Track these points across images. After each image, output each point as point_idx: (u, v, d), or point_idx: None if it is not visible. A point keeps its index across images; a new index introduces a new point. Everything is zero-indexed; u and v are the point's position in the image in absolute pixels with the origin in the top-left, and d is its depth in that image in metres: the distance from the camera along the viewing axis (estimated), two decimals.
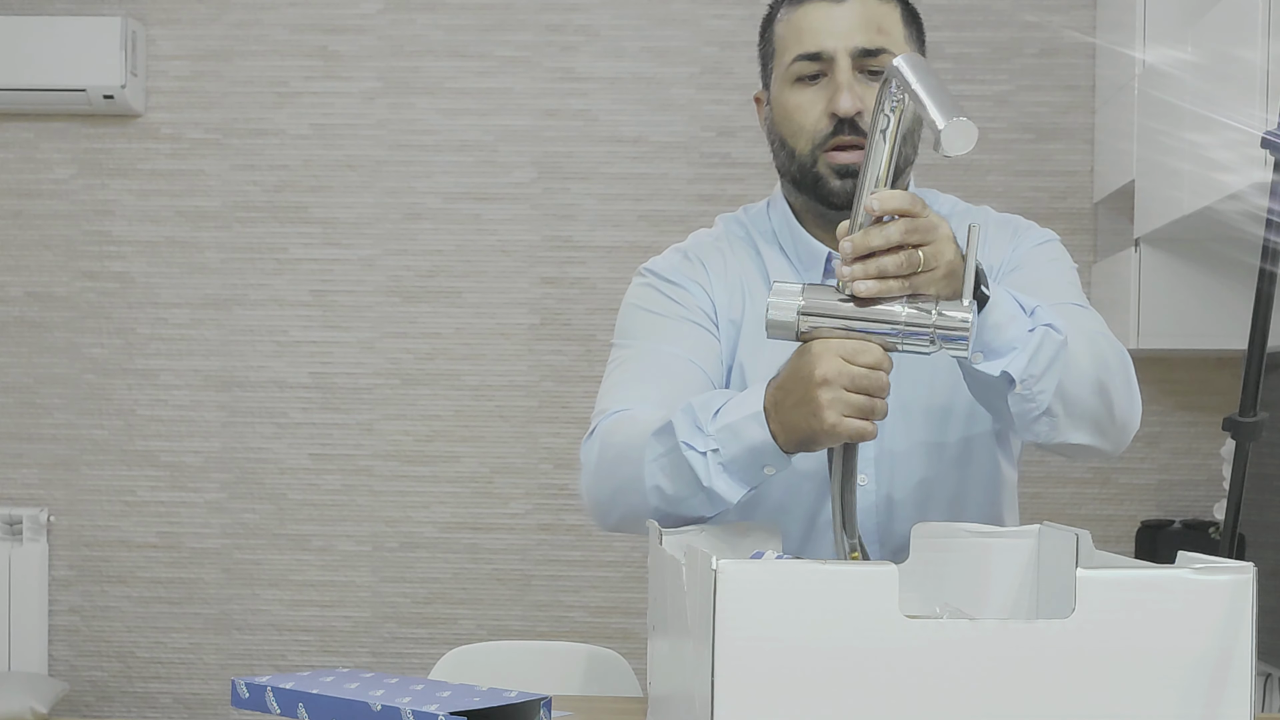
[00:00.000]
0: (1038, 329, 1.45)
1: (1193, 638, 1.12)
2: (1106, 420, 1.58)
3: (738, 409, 1.48)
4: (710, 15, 3.89)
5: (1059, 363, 1.47)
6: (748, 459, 1.47)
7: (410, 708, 1.41)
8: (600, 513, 1.69)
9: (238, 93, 3.96)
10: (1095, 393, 1.54)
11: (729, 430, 1.47)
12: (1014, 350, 1.44)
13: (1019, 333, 1.44)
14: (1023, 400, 1.48)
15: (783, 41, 1.71)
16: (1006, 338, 1.43)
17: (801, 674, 1.10)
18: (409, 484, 3.95)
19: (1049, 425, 1.51)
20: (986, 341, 1.43)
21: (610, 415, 1.68)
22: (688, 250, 1.81)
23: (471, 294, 3.94)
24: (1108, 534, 3.78)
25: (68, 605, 3.98)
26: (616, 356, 1.78)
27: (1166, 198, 3.13)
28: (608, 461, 1.65)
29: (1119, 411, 1.59)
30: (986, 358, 1.44)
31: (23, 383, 3.99)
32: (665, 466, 1.52)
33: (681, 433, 1.50)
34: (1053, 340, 1.46)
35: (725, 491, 1.49)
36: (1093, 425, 1.56)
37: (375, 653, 3.94)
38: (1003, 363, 1.44)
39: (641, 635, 2.57)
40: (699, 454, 1.48)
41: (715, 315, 1.75)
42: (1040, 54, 3.86)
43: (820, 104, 1.67)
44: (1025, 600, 1.53)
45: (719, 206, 2.19)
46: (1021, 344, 1.44)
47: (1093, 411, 1.55)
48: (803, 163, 1.69)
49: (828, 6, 1.67)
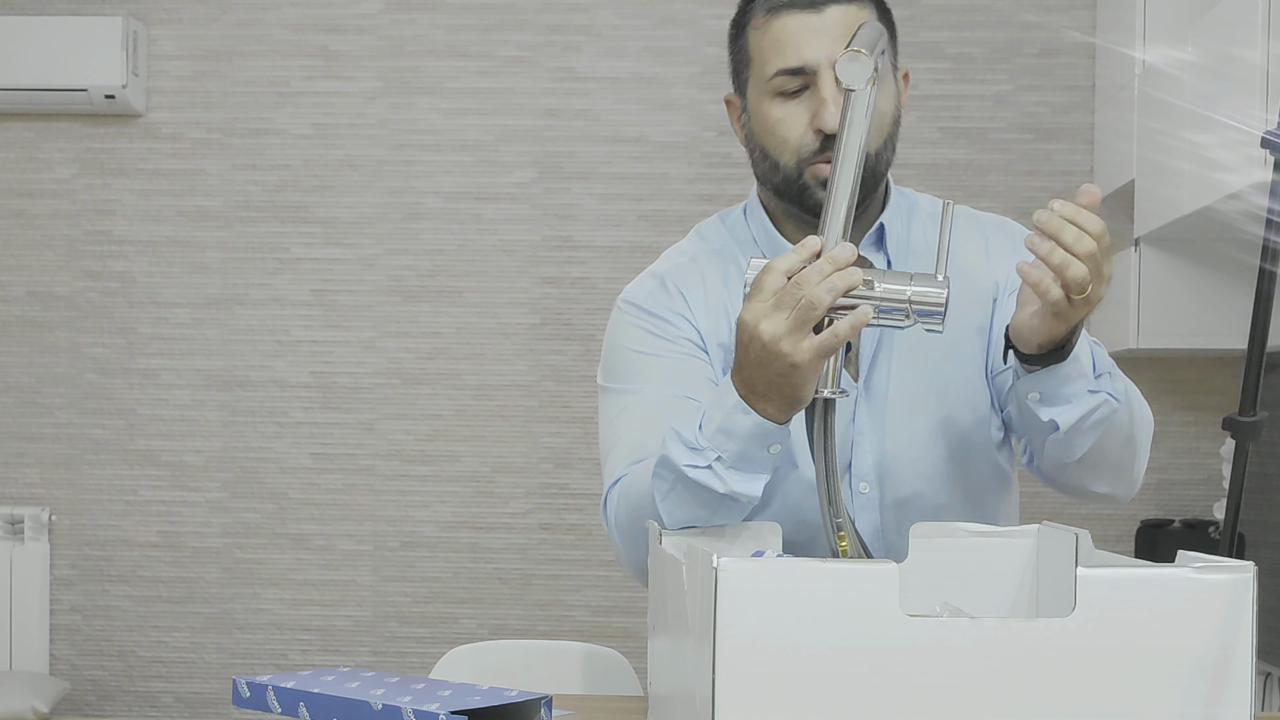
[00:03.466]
0: (1100, 394, 1.52)
1: (1193, 637, 1.12)
2: (1127, 474, 1.66)
3: (717, 410, 1.47)
4: (710, 15, 3.90)
5: (1104, 425, 1.54)
6: (751, 448, 1.46)
7: (411, 707, 1.41)
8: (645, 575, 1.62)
9: (239, 92, 3.96)
10: (1123, 449, 1.62)
11: (721, 433, 1.47)
12: (1069, 404, 1.52)
13: (1080, 391, 1.51)
14: (1059, 446, 1.56)
15: (760, 52, 1.66)
16: (1067, 391, 1.51)
17: (802, 672, 1.10)
18: (410, 483, 3.95)
19: (1076, 471, 1.61)
20: (1051, 389, 1.51)
21: (617, 482, 1.67)
22: (664, 277, 1.77)
23: (472, 294, 3.94)
24: (1107, 533, 3.78)
25: (69, 604, 3.98)
26: (612, 404, 1.75)
27: (1166, 197, 3.13)
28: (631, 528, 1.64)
29: (1138, 464, 1.68)
30: (1043, 403, 1.52)
31: (24, 382, 3.99)
32: (679, 498, 1.51)
33: (680, 460, 1.49)
34: (1108, 407, 1.53)
35: (746, 488, 1.49)
36: (1114, 477, 1.65)
37: (376, 652, 3.95)
38: (1054, 412, 1.52)
39: (642, 634, 2.57)
40: (705, 469, 1.48)
41: (703, 342, 1.73)
42: (1040, 54, 3.86)
43: (804, 118, 1.63)
44: (1025, 599, 1.53)
45: (719, 206, 2.18)
46: (1078, 401, 1.51)
47: (1118, 465, 1.63)
48: (787, 175, 1.66)
49: (805, 17, 1.62)
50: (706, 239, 1.81)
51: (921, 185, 1.85)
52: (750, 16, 1.68)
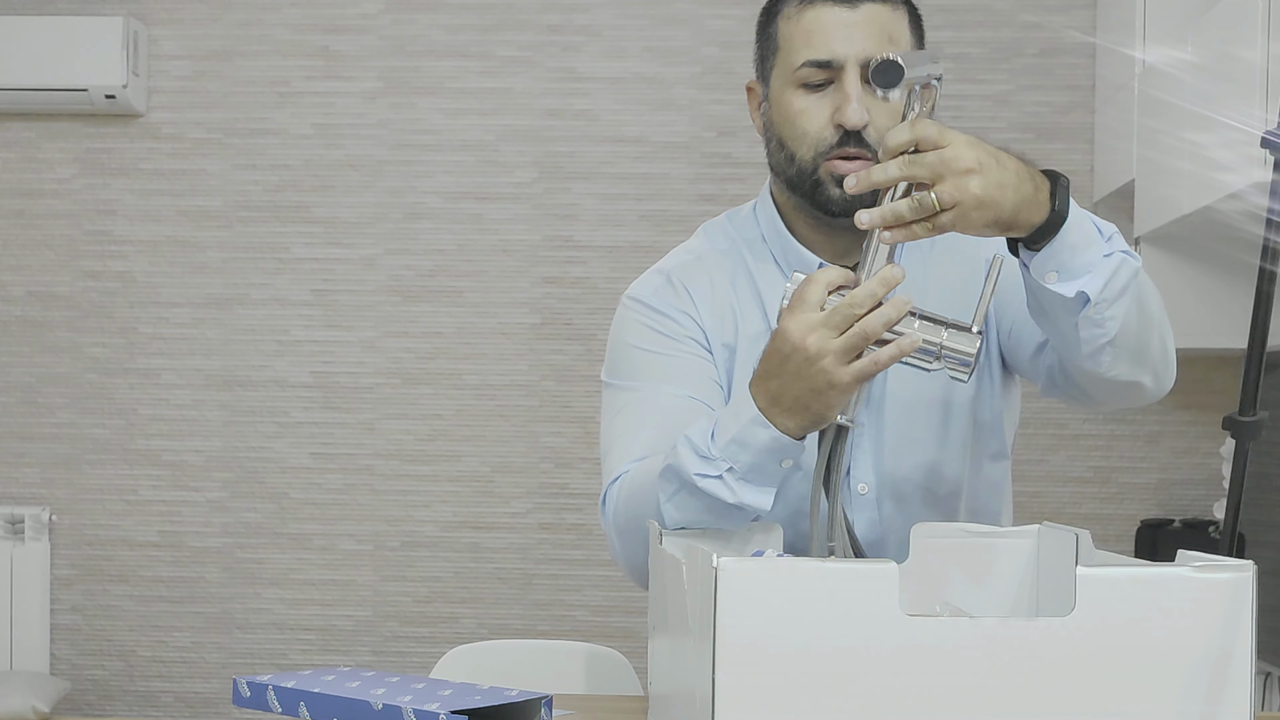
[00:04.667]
0: (1115, 254, 1.44)
1: (1193, 636, 1.12)
2: (1160, 359, 1.58)
3: (734, 420, 1.46)
4: (711, 15, 3.90)
5: (1131, 290, 1.46)
6: (764, 461, 1.46)
7: (411, 706, 1.41)
8: (641, 575, 1.63)
9: (239, 92, 3.96)
10: (1154, 329, 1.54)
11: (735, 444, 1.46)
12: (1090, 273, 1.42)
13: (1095, 256, 1.43)
14: (1092, 324, 1.46)
15: (789, 41, 1.65)
16: (1084, 260, 1.42)
17: (802, 672, 1.10)
18: (410, 483, 3.95)
19: (1111, 355, 1.50)
20: (1063, 261, 1.42)
21: (617, 479, 1.66)
22: (670, 275, 1.76)
23: (473, 293, 3.94)
24: (1108, 533, 3.79)
25: (69, 604, 3.99)
26: (614, 401, 1.74)
27: (1166, 197, 3.13)
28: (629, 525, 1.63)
29: (1166, 343, 1.59)
30: (1061, 278, 1.43)
31: (24, 382, 3.99)
32: (684, 503, 1.51)
33: (691, 467, 1.48)
34: (1129, 267, 1.45)
35: (755, 501, 1.48)
36: (1148, 362, 1.56)
37: (376, 651, 3.95)
38: (1079, 284, 1.42)
39: (642, 634, 2.57)
40: (715, 479, 1.47)
41: (707, 341, 1.72)
42: (1040, 54, 3.86)
43: (826, 112, 1.62)
44: (1025, 599, 1.53)
45: (720, 206, 2.18)
46: (1098, 267, 1.43)
47: (1150, 347, 1.54)
48: (803, 168, 1.64)
49: (839, 10, 1.61)
50: (713, 239, 1.80)
51: None
52: (783, 4, 1.67)
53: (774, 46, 1.68)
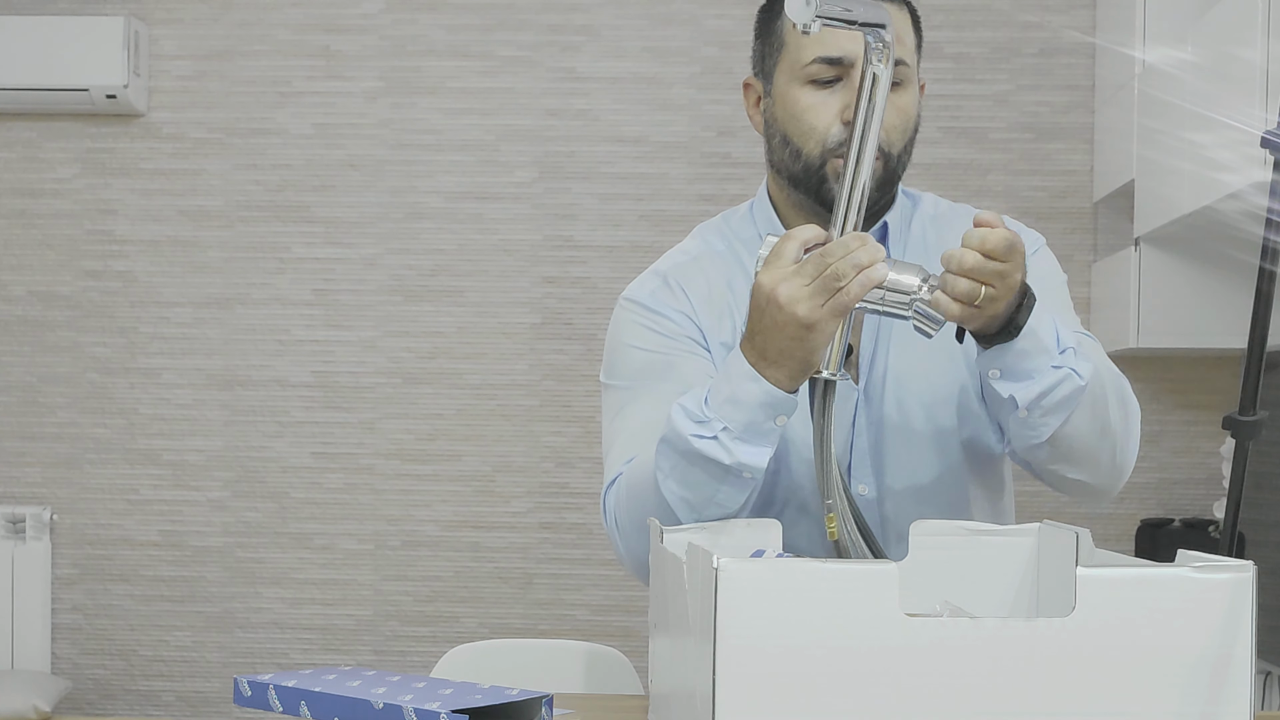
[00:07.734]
0: (1064, 369, 1.49)
1: (1193, 636, 1.12)
2: (1106, 463, 1.62)
3: (725, 381, 1.49)
4: (711, 15, 3.90)
5: (1069, 404, 1.51)
6: (758, 417, 1.47)
7: (412, 705, 1.41)
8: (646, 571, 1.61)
9: (240, 92, 3.96)
10: (1099, 436, 1.58)
11: (729, 402, 1.47)
12: (1029, 380, 1.48)
13: (1042, 365, 1.48)
14: (1025, 426, 1.53)
15: (796, 38, 1.65)
16: (1028, 367, 1.48)
17: (802, 672, 1.10)
18: (411, 482, 3.95)
19: (1047, 455, 1.57)
20: (1007, 364, 1.48)
21: (617, 478, 1.67)
22: (667, 275, 1.77)
23: (473, 293, 3.95)
24: (1107, 533, 3.79)
25: (70, 603, 3.99)
26: (614, 401, 1.75)
27: (1166, 197, 3.13)
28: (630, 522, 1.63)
29: (1119, 457, 1.63)
30: (1003, 377, 1.49)
31: (25, 381, 4.00)
32: (682, 474, 1.51)
33: (686, 430, 1.49)
34: (1071, 384, 1.50)
35: (752, 458, 1.49)
36: (1091, 465, 1.60)
37: (377, 651, 3.95)
38: (1013, 388, 1.49)
39: (643, 633, 2.58)
40: (710, 439, 1.48)
41: (705, 341, 1.73)
42: (1040, 54, 3.86)
43: (834, 108, 1.63)
44: (1025, 599, 1.53)
45: (719, 206, 2.18)
46: (1039, 377, 1.48)
47: (1093, 453, 1.59)
48: (809, 164, 1.65)
49: None
50: (709, 241, 1.81)
51: (922, 185, 1.85)
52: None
53: (778, 43, 1.69)
